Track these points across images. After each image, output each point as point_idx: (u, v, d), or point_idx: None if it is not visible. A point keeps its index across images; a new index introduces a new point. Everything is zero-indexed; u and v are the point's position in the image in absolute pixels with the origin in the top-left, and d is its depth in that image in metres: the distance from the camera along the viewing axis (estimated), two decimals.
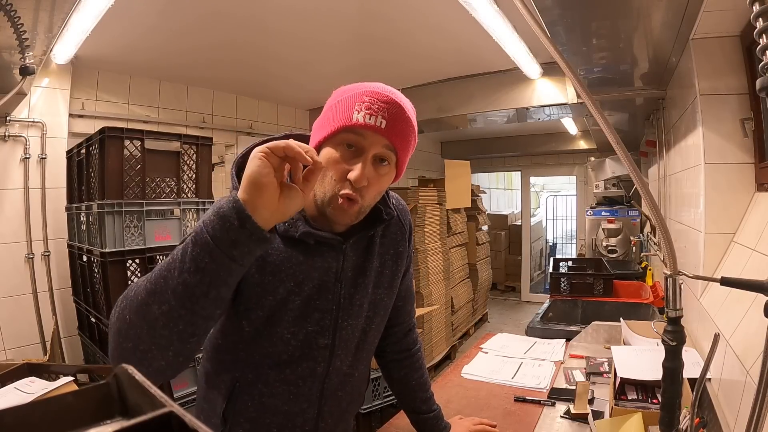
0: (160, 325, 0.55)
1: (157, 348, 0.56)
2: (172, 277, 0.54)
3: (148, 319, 0.55)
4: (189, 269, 0.53)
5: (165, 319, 0.55)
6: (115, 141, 1.87)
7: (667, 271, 0.76)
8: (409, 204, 3.64)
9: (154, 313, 0.55)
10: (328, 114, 0.73)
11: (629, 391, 1.20)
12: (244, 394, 0.78)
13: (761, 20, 0.57)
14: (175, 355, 0.57)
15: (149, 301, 0.55)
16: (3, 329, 2.19)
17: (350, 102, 0.70)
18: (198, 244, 0.53)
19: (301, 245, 0.75)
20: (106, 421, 0.23)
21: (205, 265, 0.53)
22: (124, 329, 0.56)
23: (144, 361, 0.55)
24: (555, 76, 2.74)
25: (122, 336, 0.57)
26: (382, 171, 0.73)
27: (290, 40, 2.31)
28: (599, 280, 2.64)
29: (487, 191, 6.58)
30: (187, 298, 0.54)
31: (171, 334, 0.55)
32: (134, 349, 0.56)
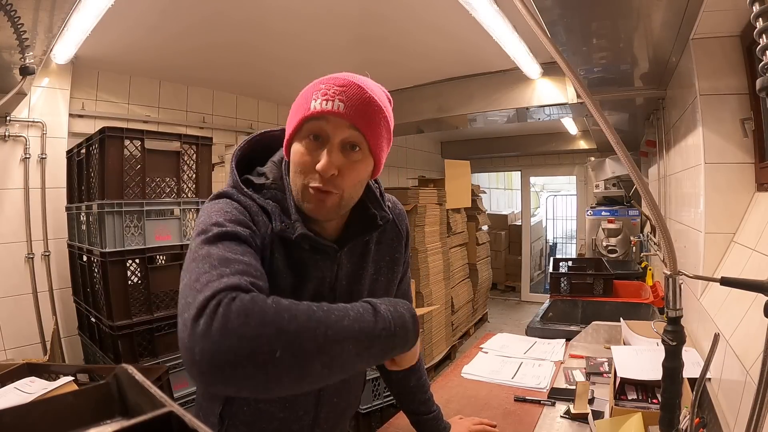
0: (316, 372, 0.55)
1: (292, 382, 0.54)
2: (354, 352, 0.57)
3: (306, 369, 0.54)
4: (365, 345, 0.59)
5: (317, 372, 0.55)
6: (115, 141, 1.87)
7: (667, 271, 0.76)
8: (409, 204, 3.64)
9: (310, 369, 0.54)
10: (292, 110, 0.72)
11: (629, 391, 1.20)
12: (239, 398, 0.77)
13: (761, 20, 0.57)
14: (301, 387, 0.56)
15: (316, 355, 0.54)
16: (3, 329, 2.19)
17: (308, 93, 0.69)
18: (387, 344, 0.63)
19: (297, 252, 0.72)
20: (106, 421, 0.23)
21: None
22: (262, 358, 0.51)
23: (268, 386, 0.52)
24: (555, 76, 2.74)
25: (251, 355, 0.50)
26: (354, 157, 0.69)
27: (290, 41, 2.31)
28: (599, 280, 2.64)
29: (487, 191, 6.58)
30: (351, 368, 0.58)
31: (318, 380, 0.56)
32: (259, 370, 0.51)
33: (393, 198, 0.90)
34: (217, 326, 0.50)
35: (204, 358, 0.49)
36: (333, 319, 0.56)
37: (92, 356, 2.17)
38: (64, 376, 1.56)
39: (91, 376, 1.64)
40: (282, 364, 0.51)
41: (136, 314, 1.90)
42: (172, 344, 2.01)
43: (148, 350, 1.93)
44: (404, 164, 5.35)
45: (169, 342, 2.00)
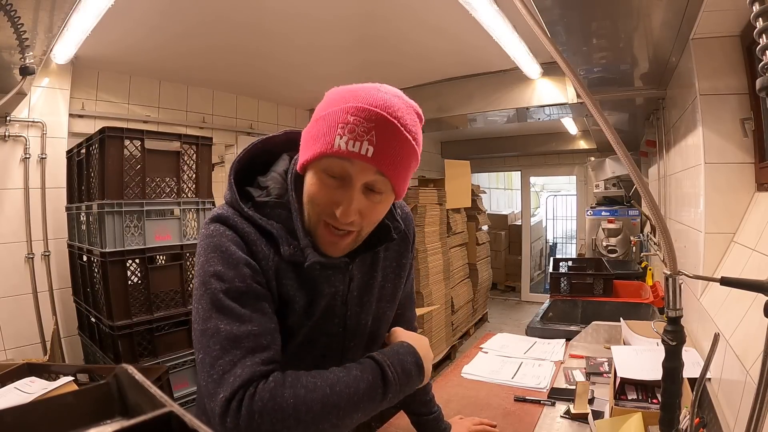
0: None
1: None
2: (366, 406, 0.63)
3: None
4: (372, 411, 0.65)
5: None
6: (115, 141, 1.87)
7: (667, 271, 0.76)
8: (409, 204, 3.64)
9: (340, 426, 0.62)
10: (313, 130, 0.64)
11: (629, 391, 1.20)
12: None
13: (761, 20, 0.57)
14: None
15: (339, 421, 0.61)
16: (3, 329, 2.19)
17: (333, 121, 0.60)
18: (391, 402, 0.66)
19: (308, 272, 0.69)
20: (106, 421, 0.23)
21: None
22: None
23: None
24: (555, 76, 2.74)
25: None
26: (376, 199, 0.65)
27: (290, 41, 2.32)
28: (599, 280, 2.64)
29: (487, 191, 6.58)
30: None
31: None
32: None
33: (401, 202, 0.85)
34: (244, 425, 0.56)
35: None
36: (345, 401, 0.60)
37: (92, 356, 2.17)
38: (64, 376, 1.56)
39: (91, 376, 1.64)
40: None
41: (136, 314, 1.90)
42: (172, 344, 2.01)
43: (148, 350, 1.93)
44: None
45: (169, 342, 2.00)
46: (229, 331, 0.60)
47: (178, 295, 2.04)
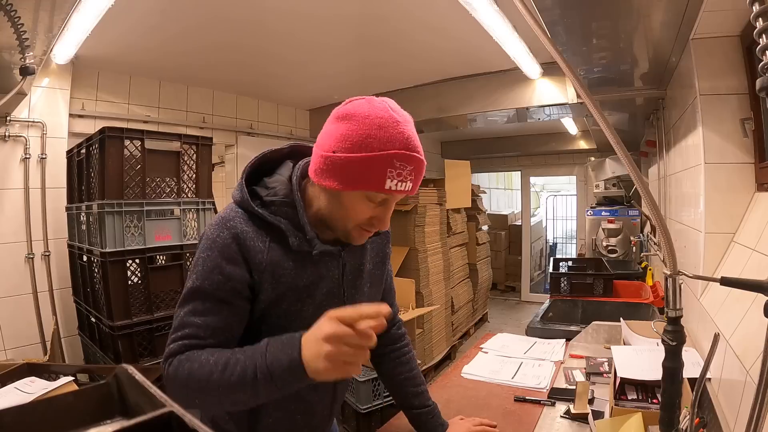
0: (226, 406, 0.79)
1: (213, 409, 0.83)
2: (244, 397, 0.73)
3: (210, 404, 0.76)
4: (254, 395, 0.73)
5: (229, 407, 0.80)
6: (115, 141, 1.87)
7: (667, 271, 0.76)
8: (409, 204, 3.64)
9: (220, 404, 0.76)
10: (356, 166, 0.72)
11: (629, 391, 1.20)
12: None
13: (761, 20, 0.57)
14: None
15: (219, 399, 0.74)
16: (3, 329, 2.19)
17: (382, 165, 0.72)
18: (267, 388, 0.71)
19: (309, 257, 0.82)
20: (106, 421, 0.23)
21: (267, 394, 0.73)
22: (190, 401, 0.75)
23: (206, 412, 0.81)
24: (555, 76, 2.74)
25: (186, 401, 0.75)
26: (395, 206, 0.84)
27: (290, 41, 2.31)
28: (599, 280, 2.64)
29: (487, 191, 6.58)
30: (251, 402, 0.76)
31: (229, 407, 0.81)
32: (195, 406, 0.75)
33: None
34: (167, 383, 0.78)
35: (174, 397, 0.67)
36: (223, 379, 0.72)
37: (92, 356, 2.17)
38: (64, 376, 1.56)
39: (91, 376, 1.64)
40: (202, 404, 0.75)
41: (136, 314, 1.90)
42: None
43: (148, 350, 1.93)
44: None
45: None
46: (182, 318, 0.80)
47: (178, 295, 2.04)
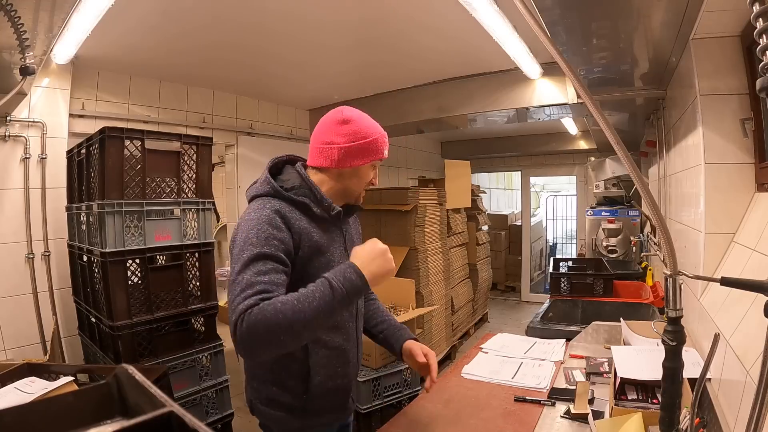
0: (305, 335, 0.93)
1: (295, 342, 0.95)
2: (323, 319, 0.92)
3: (294, 336, 0.90)
4: (331, 313, 0.93)
5: (307, 336, 0.96)
6: (115, 141, 1.87)
7: (667, 271, 0.76)
8: (409, 204, 3.64)
9: (303, 333, 0.91)
10: (368, 147, 1.12)
11: (629, 391, 1.20)
12: (315, 346, 1.08)
13: (761, 20, 0.57)
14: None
15: (307, 327, 0.90)
16: (3, 329, 2.19)
17: (380, 143, 1.14)
18: (343, 303, 0.94)
19: (324, 225, 1.10)
20: (106, 421, 0.23)
21: (341, 309, 0.95)
22: (274, 340, 0.89)
23: (279, 349, 0.93)
24: (555, 76, 2.74)
25: (268, 343, 0.89)
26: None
27: (290, 41, 2.31)
28: (599, 280, 2.64)
29: (487, 191, 6.58)
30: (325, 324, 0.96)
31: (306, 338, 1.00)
32: (275, 347, 0.91)
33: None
34: (244, 340, 0.88)
35: (243, 353, 0.91)
36: (307, 305, 0.89)
37: (92, 356, 2.17)
38: (64, 376, 1.56)
39: (91, 376, 1.64)
40: (287, 342, 0.90)
41: (136, 314, 1.90)
42: (173, 344, 2.01)
43: (148, 350, 1.93)
44: (404, 164, 5.36)
45: (169, 342, 2.00)
46: (248, 280, 0.93)
47: (179, 295, 2.04)
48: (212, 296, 2.16)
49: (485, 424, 1.23)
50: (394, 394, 2.40)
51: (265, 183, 1.10)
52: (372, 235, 1.15)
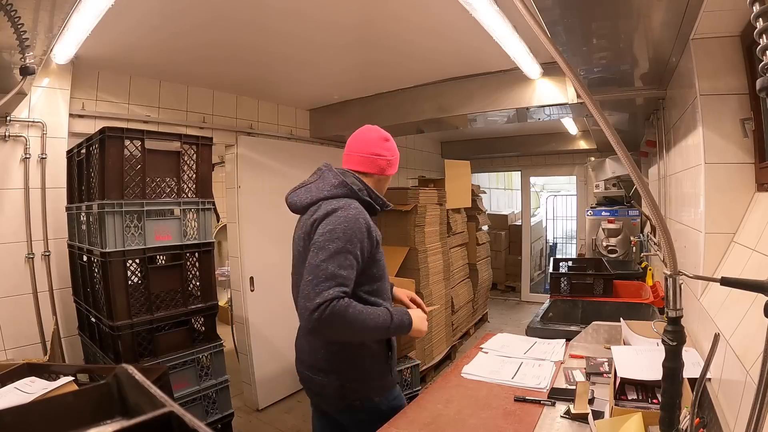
0: (364, 338, 1.33)
1: (356, 338, 1.32)
2: (376, 335, 1.32)
3: (358, 336, 1.29)
4: (383, 335, 1.33)
5: (365, 339, 1.35)
6: (115, 141, 1.87)
7: (667, 271, 0.76)
8: (410, 204, 3.64)
9: (363, 337, 1.32)
10: (397, 162, 1.51)
11: (629, 391, 1.20)
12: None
13: (761, 20, 0.57)
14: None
15: (364, 335, 1.30)
16: (3, 329, 2.19)
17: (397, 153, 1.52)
18: (390, 333, 1.32)
19: (374, 218, 1.39)
20: (106, 421, 0.23)
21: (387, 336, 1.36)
22: (344, 332, 1.22)
23: (339, 339, 1.32)
24: (555, 76, 2.74)
25: (337, 332, 1.23)
26: None
27: (290, 41, 2.31)
28: (599, 280, 2.64)
29: (487, 191, 6.58)
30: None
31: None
32: (337, 337, 1.29)
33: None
34: (323, 320, 1.14)
35: (314, 330, 1.17)
36: (371, 323, 1.22)
37: (92, 356, 2.17)
38: (64, 376, 1.56)
39: (91, 376, 1.64)
40: (352, 335, 1.26)
41: (136, 314, 1.90)
42: (173, 344, 2.01)
43: (148, 350, 1.93)
44: (404, 164, 5.36)
45: (169, 342, 2.00)
46: (332, 271, 1.18)
47: (179, 295, 2.04)
48: (212, 296, 2.16)
49: (485, 424, 1.23)
50: None
51: (342, 185, 1.35)
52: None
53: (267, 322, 3.40)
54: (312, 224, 1.29)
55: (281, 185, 3.63)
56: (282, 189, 1.55)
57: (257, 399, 3.31)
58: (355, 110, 3.55)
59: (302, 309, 1.16)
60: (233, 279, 3.39)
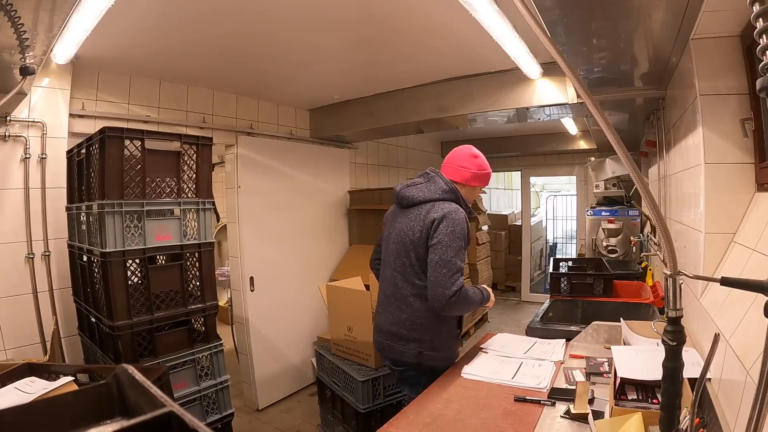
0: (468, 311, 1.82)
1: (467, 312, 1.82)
2: (477, 306, 1.76)
3: (470, 310, 1.78)
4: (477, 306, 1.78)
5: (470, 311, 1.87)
6: (115, 141, 1.87)
7: (667, 271, 0.76)
8: None
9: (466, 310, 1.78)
10: (483, 177, 1.87)
11: (629, 391, 1.20)
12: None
13: (761, 20, 0.57)
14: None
15: (471, 309, 1.78)
16: (3, 329, 2.19)
17: (489, 177, 1.90)
18: (482, 304, 1.79)
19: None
20: (106, 421, 0.23)
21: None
22: (461, 309, 1.69)
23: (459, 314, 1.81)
24: (555, 76, 2.74)
25: (461, 310, 1.70)
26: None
27: (290, 41, 2.31)
28: (599, 280, 2.64)
29: (487, 191, 6.57)
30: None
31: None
32: (459, 312, 1.75)
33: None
34: (455, 303, 1.59)
35: (446, 309, 1.61)
36: (477, 300, 1.72)
37: (92, 356, 2.17)
38: (64, 376, 1.56)
39: (91, 376, 1.64)
40: (467, 309, 1.75)
41: (136, 314, 1.90)
42: (173, 344, 2.01)
43: (148, 350, 1.93)
44: (404, 164, 5.36)
45: (169, 342, 2.00)
46: (458, 265, 1.60)
47: (179, 295, 2.04)
48: (212, 296, 2.16)
49: (485, 424, 1.23)
50: (394, 394, 2.40)
51: (451, 192, 1.75)
52: (372, 234, 1.18)
53: (267, 322, 3.40)
54: (432, 222, 1.66)
55: (281, 185, 3.67)
56: (282, 189, 1.57)
57: (257, 399, 3.31)
58: (355, 110, 3.55)
59: (438, 294, 1.56)
60: (233, 279, 3.39)
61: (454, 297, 1.54)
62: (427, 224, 1.67)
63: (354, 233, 4.19)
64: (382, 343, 1.80)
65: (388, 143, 4.95)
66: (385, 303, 1.82)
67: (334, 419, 2.63)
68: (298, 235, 3.69)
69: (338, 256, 4.09)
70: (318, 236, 3.89)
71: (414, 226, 1.71)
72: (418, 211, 1.73)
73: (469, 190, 1.82)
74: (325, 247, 3.96)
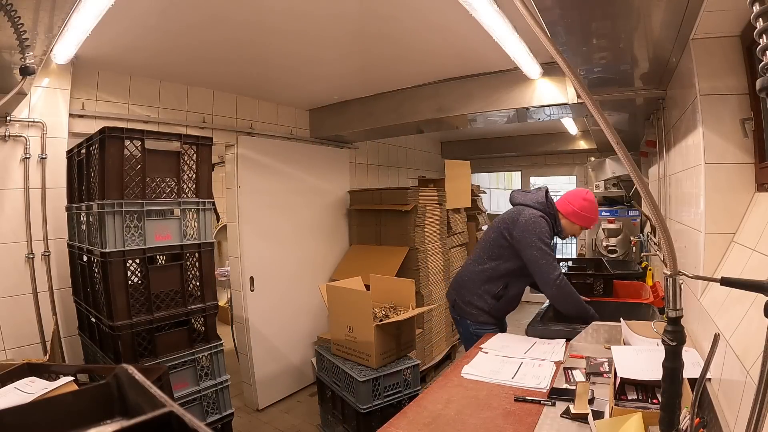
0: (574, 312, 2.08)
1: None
2: (581, 313, 2.07)
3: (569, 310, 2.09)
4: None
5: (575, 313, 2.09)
6: (115, 141, 1.87)
7: (667, 271, 0.76)
8: (409, 204, 3.64)
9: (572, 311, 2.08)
10: (585, 218, 2.18)
11: (629, 391, 1.20)
12: (513, 282, 2.22)
13: (761, 20, 0.57)
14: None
15: (578, 309, 2.08)
16: (3, 329, 2.19)
17: (591, 221, 2.21)
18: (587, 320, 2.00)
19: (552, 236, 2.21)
20: (106, 421, 0.23)
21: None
22: (567, 307, 2.09)
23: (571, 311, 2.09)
24: (555, 76, 2.74)
25: (568, 301, 2.08)
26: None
27: (290, 41, 2.32)
28: (599, 280, 2.64)
29: (487, 191, 6.58)
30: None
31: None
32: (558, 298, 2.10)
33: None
34: (561, 287, 2.03)
35: (555, 295, 2.08)
36: (582, 308, 2.05)
37: (92, 356, 2.17)
38: (64, 376, 1.56)
39: (91, 376, 1.64)
40: (572, 304, 2.07)
41: (136, 314, 1.90)
42: (173, 344, 2.01)
43: (148, 350, 1.93)
44: (404, 164, 5.36)
45: (169, 342, 2.00)
46: (552, 257, 2.05)
47: (179, 295, 2.04)
48: (212, 296, 2.16)
49: (485, 424, 1.23)
50: (394, 394, 2.40)
51: (543, 205, 2.14)
52: (372, 234, 1.12)
53: (267, 322, 3.40)
54: (516, 221, 2.09)
55: (281, 185, 3.67)
56: (282, 189, 1.56)
57: (257, 399, 3.31)
58: (355, 110, 3.55)
59: (546, 277, 2.00)
60: (233, 279, 3.39)
61: (558, 280, 2.05)
62: (510, 223, 2.14)
63: (354, 233, 4.19)
64: (454, 301, 2.40)
65: (388, 143, 4.95)
66: (464, 273, 2.45)
67: (334, 419, 2.63)
68: (298, 235, 3.69)
69: (338, 256, 4.09)
70: (318, 236, 3.89)
71: (504, 218, 2.22)
72: (511, 211, 2.24)
73: (567, 223, 2.18)
74: (325, 247, 3.96)
